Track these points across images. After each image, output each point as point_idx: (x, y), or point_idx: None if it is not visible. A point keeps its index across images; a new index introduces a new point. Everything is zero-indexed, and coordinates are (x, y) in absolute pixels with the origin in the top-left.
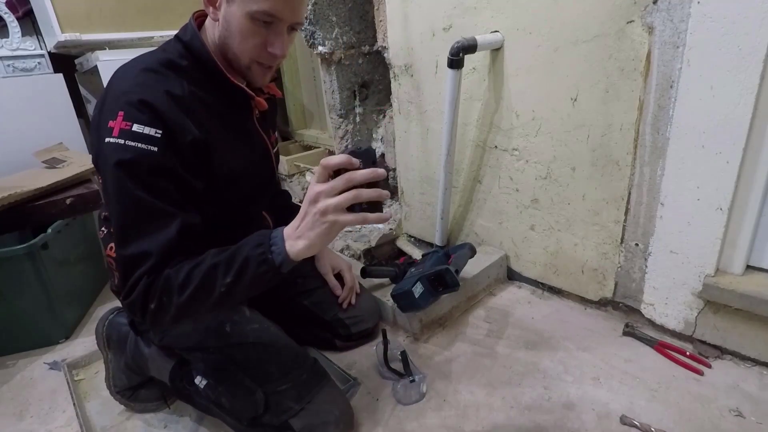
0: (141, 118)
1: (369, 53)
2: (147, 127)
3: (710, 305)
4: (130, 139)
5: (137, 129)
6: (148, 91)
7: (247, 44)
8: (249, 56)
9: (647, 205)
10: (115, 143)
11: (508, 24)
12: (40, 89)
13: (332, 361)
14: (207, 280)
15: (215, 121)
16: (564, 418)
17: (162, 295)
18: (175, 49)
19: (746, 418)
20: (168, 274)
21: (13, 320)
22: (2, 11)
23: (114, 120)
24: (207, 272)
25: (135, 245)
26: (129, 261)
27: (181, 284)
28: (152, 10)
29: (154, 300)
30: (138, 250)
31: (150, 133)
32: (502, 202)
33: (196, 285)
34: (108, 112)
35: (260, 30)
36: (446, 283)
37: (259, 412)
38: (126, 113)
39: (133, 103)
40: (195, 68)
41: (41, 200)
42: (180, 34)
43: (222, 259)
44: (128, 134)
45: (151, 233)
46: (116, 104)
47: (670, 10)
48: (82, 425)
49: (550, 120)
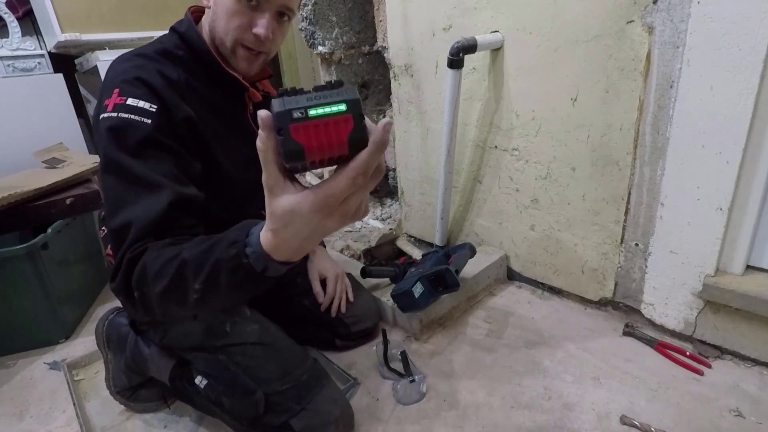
0: (136, 93)
1: (369, 53)
2: (141, 101)
3: (710, 305)
4: (124, 112)
5: (131, 102)
6: (144, 71)
7: (231, 24)
8: (233, 37)
9: (647, 205)
10: (108, 117)
11: (508, 24)
12: (40, 89)
13: (332, 361)
14: (177, 281)
15: (209, 113)
16: (564, 418)
17: (140, 284)
18: (170, 40)
19: (746, 418)
20: (144, 261)
21: (13, 320)
22: (2, 11)
23: (109, 98)
24: (177, 271)
25: (120, 216)
26: (114, 235)
27: (154, 277)
28: (152, 10)
29: (136, 287)
30: (122, 221)
31: (144, 107)
32: (502, 202)
33: (166, 284)
34: (103, 94)
35: (246, 11)
36: (446, 283)
37: (259, 412)
38: (121, 89)
39: (128, 80)
40: (190, 58)
41: (41, 200)
42: (175, 26)
43: (193, 256)
44: (122, 107)
45: (138, 203)
46: (112, 84)
47: (670, 10)
48: (82, 425)
49: (550, 120)
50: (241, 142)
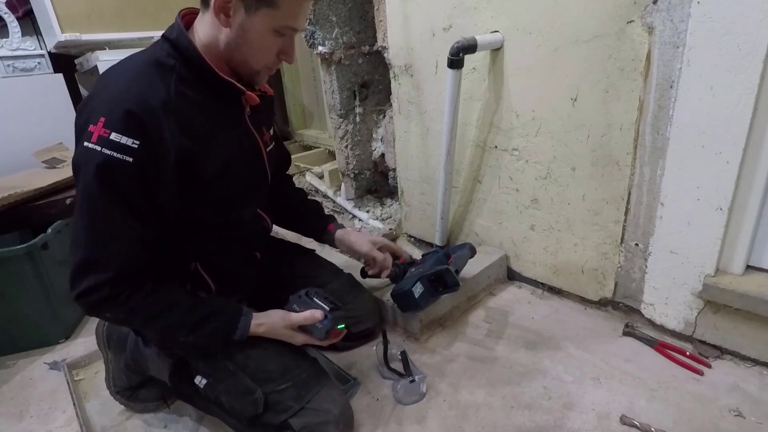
0: (120, 127)
1: (369, 53)
2: (124, 137)
3: (710, 305)
4: (107, 147)
5: (115, 138)
6: (132, 99)
7: (264, 53)
8: (263, 63)
9: (647, 205)
10: (92, 149)
11: (508, 24)
12: (40, 89)
13: (332, 361)
14: (170, 329)
15: (203, 120)
16: (564, 418)
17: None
18: (162, 49)
19: (746, 418)
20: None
21: (13, 320)
22: (2, 11)
23: (95, 125)
24: (172, 324)
25: (94, 249)
26: (84, 264)
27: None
28: (152, 10)
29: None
30: (95, 255)
31: (127, 143)
32: (502, 202)
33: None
34: (91, 113)
35: (276, 40)
36: (446, 283)
37: (258, 411)
38: (107, 120)
39: (114, 111)
40: (182, 66)
41: (41, 200)
42: (166, 33)
43: (189, 321)
44: (105, 142)
45: (111, 244)
46: (100, 109)
47: (670, 10)
48: (82, 425)
49: (550, 120)
50: (236, 144)
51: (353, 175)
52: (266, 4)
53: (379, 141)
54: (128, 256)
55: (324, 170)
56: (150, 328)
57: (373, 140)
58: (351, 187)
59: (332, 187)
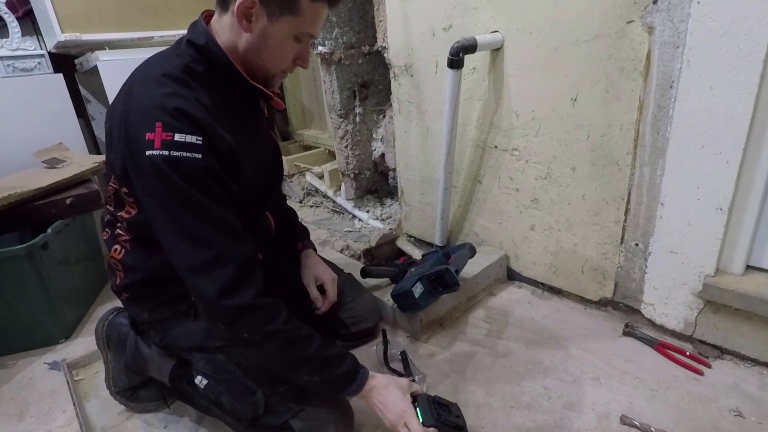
0: (180, 128)
1: (369, 53)
2: (188, 136)
3: (710, 305)
4: (175, 149)
5: (179, 138)
6: (180, 100)
7: (282, 59)
8: (280, 68)
9: (647, 205)
10: (159, 155)
11: (508, 24)
12: (40, 89)
13: None
14: (301, 363)
15: (237, 130)
16: (564, 418)
17: (262, 334)
18: (188, 54)
19: (746, 418)
20: (275, 329)
21: (13, 320)
22: (2, 11)
23: (152, 132)
24: (304, 358)
25: (212, 251)
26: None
27: (285, 344)
28: (152, 10)
29: (251, 332)
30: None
31: (192, 141)
32: (502, 202)
33: (293, 358)
34: (141, 124)
35: (295, 46)
36: (446, 283)
37: (259, 412)
38: (164, 124)
39: (168, 111)
40: (210, 73)
41: (41, 200)
42: (192, 38)
43: (319, 358)
44: (171, 144)
45: (229, 244)
46: (150, 115)
47: (670, 10)
48: (82, 425)
49: (550, 120)
50: (261, 147)
51: (353, 175)
52: (289, 11)
53: (379, 141)
54: (240, 248)
55: (324, 170)
56: (282, 355)
57: (373, 140)
58: (351, 187)
59: (332, 187)
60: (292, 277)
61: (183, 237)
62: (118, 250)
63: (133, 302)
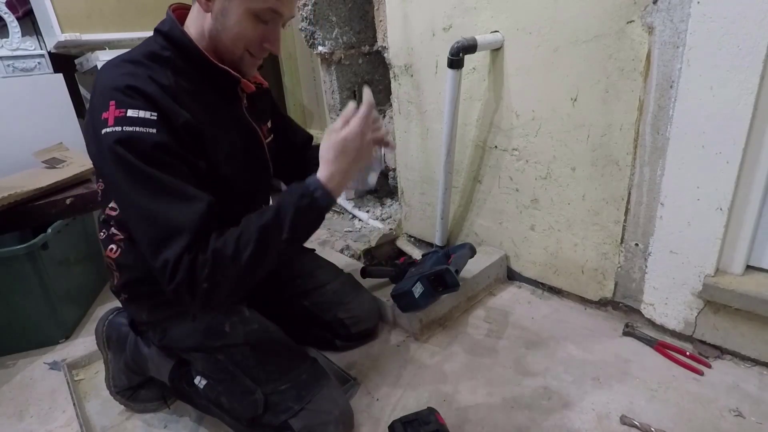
0: (133, 104)
1: (369, 53)
2: (141, 111)
3: (710, 305)
4: (128, 125)
5: (132, 114)
6: (131, 78)
7: (243, 38)
8: (243, 47)
9: (647, 205)
10: (112, 132)
11: (508, 24)
12: (40, 89)
13: (332, 361)
14: (261, 243)
15: (203, 112)
16: (564, 418)
17: (214, 271)
18: (156, 42)
19: (746, 418)
20: (215, 248)
21: (13, 320)
22: (2, 11)
23: (107, 111)
24: (259, 236)
25: (164, 222)
26: (159, 240)
27: (233, 255)
28: (152, 10)
29: (204, 279)
30: (169, 226)
31: (146, 116)
32: (502, 202)
33: (252, 251)
34: (98, 105)
35: (258, 26)
36: (446, 283)
37: (258, 412)
38: (117, 101)
39: (120, 89)
40: (178, 58)
41: (41, 200)
42: (159, 26)
43: (269, 220)
44: (124, 120)
45: (179, 209)
46: (105, 96)
47: (670, 10)
48: (82, 425)
49: (550, 120)
50: (235, 135)
51: None
52: None
53: None
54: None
55: None
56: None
57: None
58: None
59: None
60: (291, 278)
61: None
62: (114, 249)
63: (132, 302)
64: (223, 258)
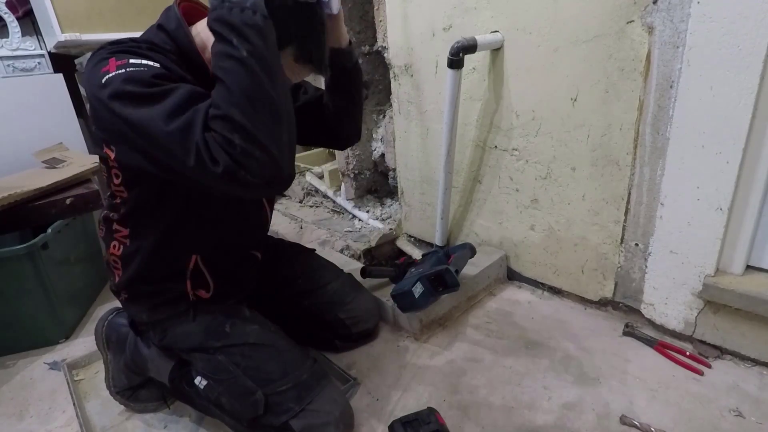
0: (134, 56)
1: (369, 53)
2: (144, 60)
3: (710, 305)
4: (131, 67)
5: (134, 61)
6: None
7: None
8: None
9: (647, 205)
10: (116, 75)
11: (508, 24)
12: (40, 89)
13: (332, 361)
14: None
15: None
16: (564, 418)
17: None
18: (157, 36)
19: (746, 418)
20: (212, 115)
21: (13, 320)
22: (2, 11)
23: (106, 66)
24: (220, 66)
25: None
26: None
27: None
28: (152, 10)
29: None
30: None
31: (148, 63)
32: (502, 202)
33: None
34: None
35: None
36: (446, 283)
37: (258, 412)
38: (117, 57)
39: (118, 50)
40: (177, 55)
41: (41, 200)
42: (163, 23)
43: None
44: (127, 65)
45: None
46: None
47: (670, 10)
48: (82, 425)
49: (550, 120)
50: None
51: (353, 175)
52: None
53: (379, 141)
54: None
55: (324, 170)
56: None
57: (373, 140)
58: (351, 187)
59: (332, 187)
60: (292, 278)
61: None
62: (117, 246)
63: (132, 302)
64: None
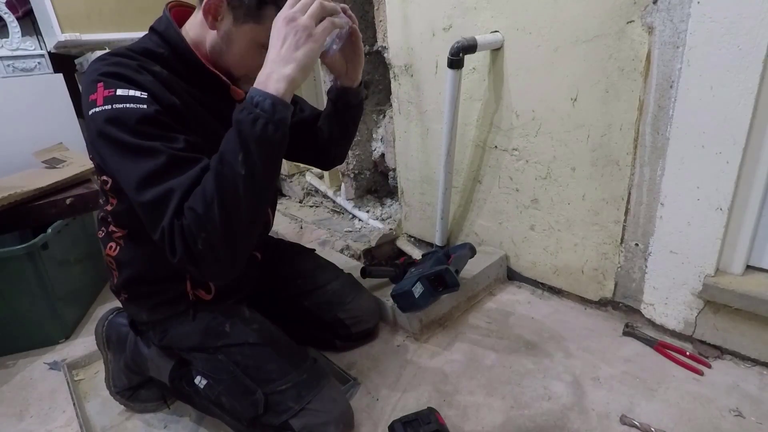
0: (122, 84)
1: (369, 53)
2: (131, 90)
3: (710, 305)
4: (117, 102)
5: (121, 92)
6: (120, 67)
7: (245, 66)
8: (245, 72)
9: (647, 205)
10: (101, 110)
11: (508, 24)
12: (40, 89)
13: (332, 361)
14: (223, 175)
15: (192, 103)
16: (564, 418)
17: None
18: (150, 40)
19: (746, 418)
20: (188, 206)
21: (13, 320)
22: (2, 11)
23: (95, 93)
24: (218, 169)
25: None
26: (151, 205)
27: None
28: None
29: (197, 238)
30: (160, 191)
31: (135, 94)
32: (502, 202)
33: (219, 200)
34: (87, 90)
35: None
36: (446, 283)
37: (258, 412)
38: (105, 83)
39: (109, 74)
40: (172, 57)
41: (41, 200)
42: (154, 25)
43: (221, 150)
44: (113, 99)
45: (173, 175)
46: (92, 80)
47: (670, 10)
48: (82, 425)
49: (550, 120)
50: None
51: (353, 175)
52: (253, 19)
53: (379, 141)
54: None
55: None
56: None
57: (373, 140)
58: (351, 187)
59: (332, 187)
60: (292, 278)
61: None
62: (113, 247)
63: (132, 302)
64: (197, 213)
